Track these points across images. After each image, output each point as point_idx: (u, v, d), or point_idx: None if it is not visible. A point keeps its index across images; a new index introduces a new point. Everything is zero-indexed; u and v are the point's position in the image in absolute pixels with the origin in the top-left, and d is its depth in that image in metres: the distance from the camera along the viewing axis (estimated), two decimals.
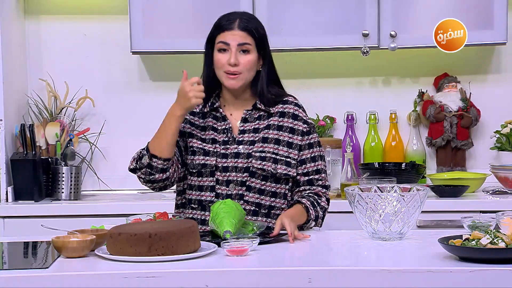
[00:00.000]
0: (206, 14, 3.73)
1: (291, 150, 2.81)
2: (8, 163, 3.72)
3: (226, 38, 2.77)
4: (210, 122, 2.84)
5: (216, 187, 2.77)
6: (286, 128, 2.82)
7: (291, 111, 2.85)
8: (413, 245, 2.53)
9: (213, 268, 2.27)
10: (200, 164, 2.78)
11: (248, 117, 2.83)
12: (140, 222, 2.55)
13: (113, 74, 4.08)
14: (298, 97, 4.18)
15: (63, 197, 3.78)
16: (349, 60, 4.04)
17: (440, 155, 4.03)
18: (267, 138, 2.80)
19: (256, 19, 2.85)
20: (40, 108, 3.97)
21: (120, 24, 3.94)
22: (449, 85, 4.02)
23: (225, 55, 2.77)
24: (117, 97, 4.04)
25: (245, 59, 2.77)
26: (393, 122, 4.06)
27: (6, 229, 3.61)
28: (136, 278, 2.19)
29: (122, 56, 3.99)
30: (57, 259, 2.36)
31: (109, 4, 4.05)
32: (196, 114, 2.85)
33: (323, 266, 2.27)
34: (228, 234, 2.51)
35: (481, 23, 3.76)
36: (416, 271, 2.21)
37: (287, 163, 2.79)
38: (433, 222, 3.55)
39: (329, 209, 2.85)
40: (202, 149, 2.79)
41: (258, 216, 2.78)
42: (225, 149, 2.79)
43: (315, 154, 2.84)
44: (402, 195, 2.53)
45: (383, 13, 3.76)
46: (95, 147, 4.02)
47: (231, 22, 2.79)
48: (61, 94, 3.98)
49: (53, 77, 4.01)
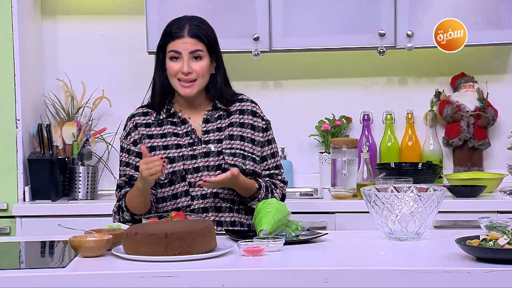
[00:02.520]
0: (222, 14, 3.74)
1: (254, 146, 2.84)
2: (25, 162, 3.73)
3: (177, 47, 2.77)
4: (169, 128, 2.84)
5: (190, 190, 2.78)
6: (247, 125, 2.86)
7: (249, 108, 2.88)
8: (429, 245, 2.53)
9: (229, 268, 2.27)
10: (170, 173, 2.78)
11: (209, 117, 2.85)
12: (157, 222, 2.56)
13: (129, 74, 4.09)
14: (314, 97, 4.20)
15: (80, 197, 3.80)
16: (366, 60, 4.03)
17: (457, 155, 4.01)
18: (232, 135, 2.82)
19: (205, 23, 2.84)
20: (57, 108, 3.99)
21: (136, 24, 3.95)
22: (466, 85, 4.00)
23: (177, 63, 2.78)
24: (133, 97, 4.04)
25: (198, 66, 2.77)
26: (410, 122, 4.04)
27: (23, 228, 3.63)
28: (152, 278, 2.19)
29: (138, 56, 4.00)
30: (74, 259, 2.37)
31: (125, 4, 4.06)
32: (152, 124, 2.84)
33: (339, 266, 2.27)
34: (262, 233, 2.52)
35: (497, 23, 3.74)
36: (433, 271, 2.20)
37: (253, 160, 2.83)
38: (450, 223, 3.54)
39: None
40: (167, 158, 2.78)
41: (233, 212, 2.80)
42: (192, 151, 2.79)
43: (273, 150, 2.90)
44: (419, 195, 2.52)
45: (399, 12, 3.75)
46: (112, 147, 4.03)
47: (180, 29, 2.78)
48: (78, 94, 3.99)
49: (70, 77, 4.03)
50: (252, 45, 3.78)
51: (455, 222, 3.54)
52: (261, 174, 2.86)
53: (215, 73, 2.84)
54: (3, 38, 3.67)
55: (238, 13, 3.77)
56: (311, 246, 2.53)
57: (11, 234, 3.63)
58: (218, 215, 2.78)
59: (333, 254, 2.48)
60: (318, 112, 4.06)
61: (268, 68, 4.09)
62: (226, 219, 2.79)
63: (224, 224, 2.79)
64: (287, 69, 4.10)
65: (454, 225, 3.53)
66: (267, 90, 4.10)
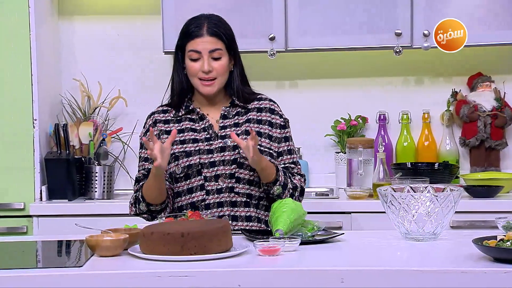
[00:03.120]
0: (238, 14, 3.74)
1: (271, 142, 2.85)
2: (42, 162, 3.75)
3: (197, 46, 2.79)
4: (187, 124, 2.86)
5: (205, 185, 2.79)
6: (265, 121, 2.86)
7: (267, 106, 2.89)
8: (446, 245, 2.52)
9: (245, 267, 2.27)
10: (186, 166, 2.80)
11: (226, 113, 2.86)
12: (173, 222, 2.56)
13: (145, 74, 4.10)
14: (330, 97, 4.19)
15: (96, 196, 3.81)
16: (382, 59, 4.02)
17: (473, 155, 3.99)
18: (249, 130, 2.82)
19: (223, 21, 2.86)
20: (73, 108, 4.00)
21: (152, 24, 3.96)
22: (483, 85, 3.98)
23: (197, 63, 2.79)
24: (149, 97, 4.05)
25: (217, 64, 2.79)
26: (426, 121, 4.03)
27: (40, 227, 3.64)
28: (168, 277, 2.19)
29: (154, 56, 4.02)
30: (90, 258, 2.37)
31: (142, 4, 4.07)
32: (170, 121, 2.87)
33: (356, 266, 2.27)
34: (277, 233, 2.52)
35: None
36: (449, 271, 2.19)
37: (270, 155, 2.83)
38: (467, 223, 3.52)
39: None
40: (183, 152, 2.81)
41: (249, 207, 2.80)
42: (209, 145, 2.81)
43: (291, 147, 2.90)
44: (435, 195, 2.51)
45: (416, 12, 3.74)
46: (128, 147, 4.04)
47: (199, 28, 2.80)
48: (94, 94, 4.01)
49: (86, 77, 4.04)
50: (268, 45, 3.78)
51: (472, 222, 3.52)
52: None
53: (233, 70, 2.85)
54: (21, 39, 3.68)
55: (254, 12, 3.77)
56: (327, 246, 2.53)
57: (28, 233, 3.65)
58: (233, 210, 2.79)
59: (349, 254, 2.48)
60: (334, 112, 4.06)
61: (284, 68, 4.08)
62: (241, 214, 2.80)
63: (239, 219, 2.79)
64: (303, 69, 4.09)
65: (470, 226, 3.51)
66: (283, 90, 4.10)
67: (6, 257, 2.48)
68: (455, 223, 3.50)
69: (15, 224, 3.67)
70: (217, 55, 2.79)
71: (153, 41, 3.96)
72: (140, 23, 4.07)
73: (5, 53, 3.69)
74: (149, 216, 2.82)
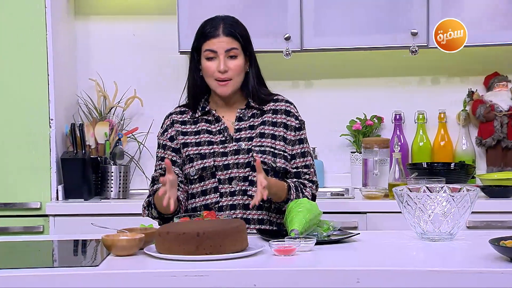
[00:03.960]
0: (253, 14, 3.74)
1: (286, 145, 2.84)
2: (58, 162, 3.77)
3: (213, 46, 2.79)
4: (204, 126, 2.86)
5: (219, 187, 2.79)
6: (280, 124, 2.86)
7: (283, 108, 2.88)
8: (463, 246, 2.50)
9: (261, 267, 2.27)
10: (200, 168, 2.80)
11: (242, 115, 2.86)
12: (188, 221, 2.56)
13: (161, 74, 4.11)
14: (345, 97, 4.18)
15: (112, 196, 3.82)
16: (397, 59, 4.01)
17: (490, 155, 3.97)
18: (264, 133, 2.83)
19: (239, 22, 2.86)
20: (89, 108, 4.02)
21: (168, 24, 3.97)
22: (500, 84, 3.96)
23: (213, 63, 2.79)
24: (165, 97, 4.06)
25: (233, 64, 2.79)
26: (442, 121, 4.02)
27: (56, 227, 3.66)
28: (184, 277, 2.20)
29: (170, 56, 4.02)
30: (106, 258, 2.38)
31: (157, 4, 4.08)
32: (187, 122, 2.87)
33: (371, 267, 2.26)
34: (293, 233, 2.52)
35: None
36: (466, 272, 2.18)
37: (285, 158, 2.83)
38: (483, 223, 3.51)
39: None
40: (198, 154, 2.81)
41: (261, 210, 2.79)
42: (223, 148, 2.81)
43: (305, 149, 2.88)
44: (452, 195, 2.50)
45: (432, 11, 3.73)
46: (143, 147, 4.05)
47: (215, 28, 2.80)
48: (110, 94, 4.02)
49: (102, 77, 4.06)
50: (283, 45, 3.78)
51: (488, 222, 3.50)
52: (290, 172, 2.86)
53: (248, 71, 2.85)
54: (37, 38, 3.70)
55: (269, 12, 3.77)
56: (343, 246, 2.53)
57: (45, 232, 3.66)
58: (245, 213, 2.79)
59: (365, 254, 2.47)
60: (349, 111, 4.05)
61: (299, 68, 4.08)
62: (253, 217, 2.80)
63: (251, 222, 2.79)
64: (318, 69, 4.09)
65: (487, 226, 3.49)
66: (298, 90, 4.10)
67: (23, 256, 2.49)
68: (471, 223, 3.49)
69: (31, 223, 3.69)
70: (233, 54, 2.80)
71: (169, 41, 3.96)
72: (155, 23, 4.08)
73: (22, 53, 3.70)
74: (161, 221, 2.81)
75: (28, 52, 3.70)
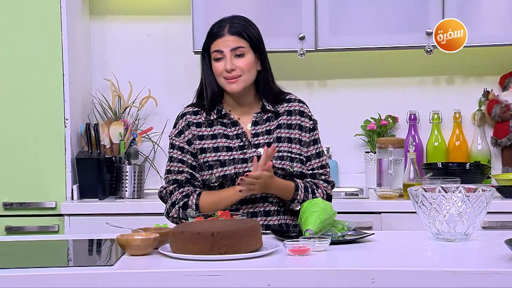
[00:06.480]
0: (268, 14, 3.74)
1: (301, 147, 2.84)
2: (73, 161, 3.78)
3: (219, 46, 2.79)
4: (220, 129, 2.84)
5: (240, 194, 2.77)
6: (295, 125, 2.85)
7: (297, 108, 2.88)
8: (478, 246, 2.49)
9: (275, 267, 2.27)
10: (221, 176, 2.79)
11: (258, 119, 2.84)
12: (203, 221, 2.56)
13: (175, 74, 4.12)
14: (359, 97, 4.18)
15: (127, 196, 3.83)
16: (412, 59, 4.00)
17: (505, 155, 3.96)
18: (280, 137, 2.82)
19: (247, 21, 2.85)
20: (104, 108, 4.03)
21: (183, 24, 3.98)
22: None
23: (221, 63, 2.79)
24: (179, 97, 4.04)
25: (241, 62, 2.78)
26: (457, 121, 4.00)
27: (71, 226, 3.67)
28: (198, 277, 2.20)
29: (184, 56, 4.03)
30: (121, 257, 2.39)
31: (172, 5, 4.09)
32: (202, 124, 2.85)
33: (386, 267, 2.26)
34: (307, 233, 2.52)
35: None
36: (481, 272, 2.18)
37: (301, 161, 2.82)
38: (499, 223, 3.49)
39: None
40: (217, 161, 2.79)
41: (280, 215, 2.79)
42: (243, 154, 2.79)
43: (319, 149, 2.88)
44: (467, 195, 2.49)
45: (447, 11, 3.71)
46: (158, 146, 4.06)
47: (221, 29, 2.80)
48: (125, 94, 4.03)
49: (117, 77, 4.07)
50: (297, 45, 3.77)
51: (504, 223, 3.49)
52: (307, 174, 2.85)
53: (260, 70, 2.84)
54: (52, 38, 3.71)
55: (284, 12, 3.77)
56: (357, 246, 2.52)
57: (60, 232, 3.68)
58: (266, 219, 2.79)
59: (380, 255, 2.47)
60: (363, 111, 4.04)
61: (314, 68, 4.08)
62: (274, 222, 2.80)
63: (272, 228, 2.79)
64: (333, 69, 4.08)
65: (502, 226, 3.48)
66: (312, 90, 4.09)
67: (38, 256, 2.50)
68: (487, 223, 3.47)
69: (46, 223, 3.71)
70: (240, 52, 2.78)
71: (183, 41, 3.97)
72: (170, 23, 4.09)
73: (37, 53, 3.72)
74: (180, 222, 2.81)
75: (44, 52, 3.72)
